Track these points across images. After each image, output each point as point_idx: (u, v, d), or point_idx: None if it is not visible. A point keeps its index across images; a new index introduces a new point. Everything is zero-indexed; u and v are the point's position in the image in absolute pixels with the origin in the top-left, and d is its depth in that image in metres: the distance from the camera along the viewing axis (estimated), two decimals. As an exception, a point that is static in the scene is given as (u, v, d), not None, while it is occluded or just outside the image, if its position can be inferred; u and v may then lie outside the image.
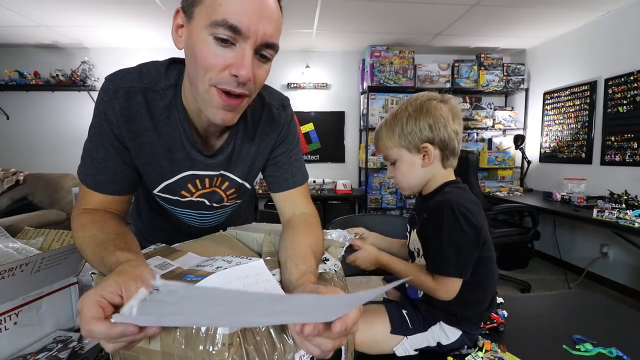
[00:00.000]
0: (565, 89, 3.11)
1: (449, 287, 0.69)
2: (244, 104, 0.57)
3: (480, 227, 0.68)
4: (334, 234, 0.82)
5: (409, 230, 0.84)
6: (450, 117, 0.74)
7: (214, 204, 0.77)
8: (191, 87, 0.57)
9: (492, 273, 0.75)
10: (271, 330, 0.42)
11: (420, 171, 0.76)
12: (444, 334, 0.75)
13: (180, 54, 0.59)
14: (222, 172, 0.71)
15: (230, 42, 0.50)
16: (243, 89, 0.53)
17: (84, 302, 0.36)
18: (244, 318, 0.36)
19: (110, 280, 0.39)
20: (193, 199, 0.73)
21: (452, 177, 0.78)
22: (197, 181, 0.70)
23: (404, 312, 0.77)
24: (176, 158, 0.65)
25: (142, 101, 0.60)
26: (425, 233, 0.76)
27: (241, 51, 0.50)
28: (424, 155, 0.74)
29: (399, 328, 0.74)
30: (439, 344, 0.75)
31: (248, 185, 0.78)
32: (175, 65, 0.64)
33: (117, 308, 0.38)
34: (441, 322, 0.75)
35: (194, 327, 0.40)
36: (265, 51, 0.53)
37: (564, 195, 2.58)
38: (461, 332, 0.76)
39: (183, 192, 0.71)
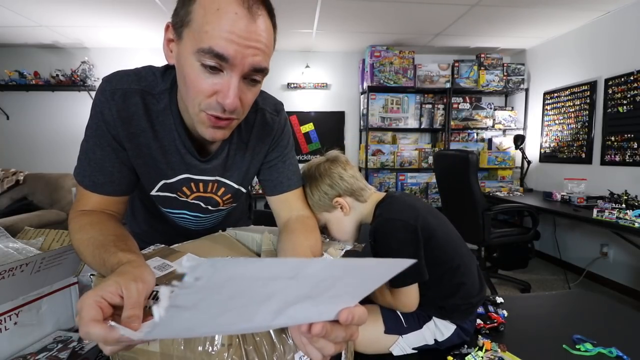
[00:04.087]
0: (565, 89, 3.11)
1: (405, 298, 0.72)
2: (233, 124, 0.57)
3: (414, 226, 0.73)
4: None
5: None
6: (341, 168, 0.82)
7: (209, 207, 0.77)
8: (183, 102, 0.57)
9: (455, 255, 0.76)
10: (271, 331, 0.42)
11: (346, 220, 0.82)
12: (439, 330, 0.76)
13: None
14: (217, 177, 0.71)
15: (218, 69, 0.49)
16: (230, 114, 0.53)
17: (83, 303, 0.35)
18: (252, 324, 0.32)
19: (110, 281, 0.39)
20: (189, 200, 0.73)
21: (378, 198, 0.83)
22: (192, 184, 0.70)
23: (398, 311, 0.77)
24: (172, 162, 0.65)
25: (139, 103, 0.60)
26: (378, 257, 0.79)
27: (228, 79, 0.50)
28: (341, 208, 0.81)
29: (393, 327, 0.75)
30: (436, 341, 0.76)
31: (244, 190, 0.78)
32: (171, 70, 0.63)
33: (116, 309, 0.37)
34: (434, 317, 0.76)
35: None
36: (254, 76, 0.52)
37: (564, 195, 2.58)
38: (455, 327, 0.76)
39: (179, 193, 0.71)
